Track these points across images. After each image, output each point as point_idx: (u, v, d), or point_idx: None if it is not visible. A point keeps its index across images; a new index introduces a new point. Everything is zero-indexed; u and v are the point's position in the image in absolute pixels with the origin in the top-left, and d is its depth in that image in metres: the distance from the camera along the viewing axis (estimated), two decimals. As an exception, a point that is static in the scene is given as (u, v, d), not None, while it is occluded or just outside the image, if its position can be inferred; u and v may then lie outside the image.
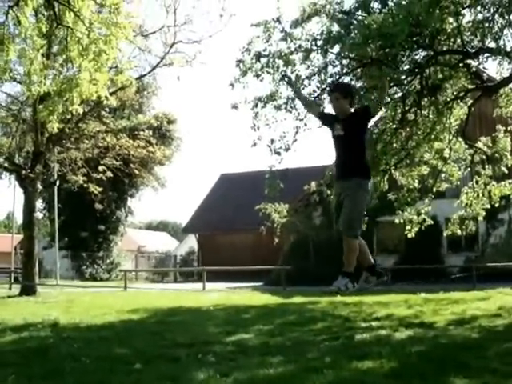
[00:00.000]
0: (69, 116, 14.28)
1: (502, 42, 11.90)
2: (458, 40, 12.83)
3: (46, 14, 13.10)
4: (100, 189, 23.30)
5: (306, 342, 7.49)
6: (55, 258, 28.57)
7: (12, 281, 25.91)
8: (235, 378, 5.17)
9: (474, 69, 13.55)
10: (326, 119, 6.32)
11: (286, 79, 6.94)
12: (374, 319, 9.98)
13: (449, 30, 12.42)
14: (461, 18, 12.31)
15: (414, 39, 12.43)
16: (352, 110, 6.01)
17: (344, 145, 5.86)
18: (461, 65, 13.23)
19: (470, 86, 14.20)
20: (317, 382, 4.91)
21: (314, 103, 6.44)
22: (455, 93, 14.36)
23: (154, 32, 20.52)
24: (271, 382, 4.84)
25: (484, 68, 14.12)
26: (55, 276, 28.77)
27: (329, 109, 6.55)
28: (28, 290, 19.34)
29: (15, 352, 6.72)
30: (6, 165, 21.65)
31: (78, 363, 5.95)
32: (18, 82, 16.88)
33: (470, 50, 12.94)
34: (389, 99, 13.92)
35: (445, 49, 13.12)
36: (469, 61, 13.27)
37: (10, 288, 23.89)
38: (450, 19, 12.12)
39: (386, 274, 5.97)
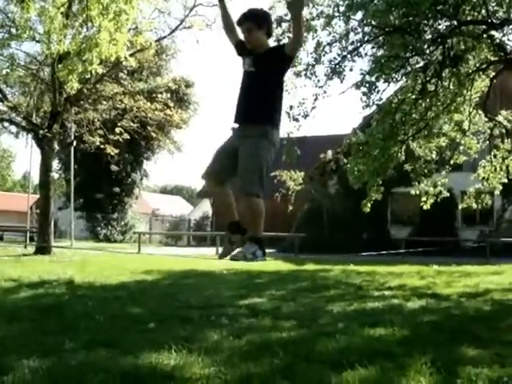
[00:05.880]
0: (87, 76, 14.23)
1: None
2: (483, 10, 12.65)
3: (66, -28, 13.05)
4: (116, 151, 23.32)
5: (318, 308, 7.52)
6: (70, 219, 28.78)
7: (27, 240, 26.15)
8: (248, 339, 5.20)
9: (497, 40, 13.38)
10: (242, 49, 4.90)
11: None
12: (387, 288, 10.00)
13: (474, 0, 12.24)
14: (487, -13, 12.11)
15: (438, 8, 12.29)
16: (270, 45, 4.90)
17: (252, 83, 4.70)
18: (484, 36, 13.08)
19: (492, 58, 14.03)
20: (329, 346, 4.93)
21: (235, 27, 4.92)
22: (477, 64, 14.20)
23: (174, -7, 20.34)
24: (284, 345, 4.86)
25: (508, 40, 13.96)
26: (70, 236, 29.03)
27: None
28: (43, 249, 19.51)
29: (31, 308, 6.79)
30: (23, 124, 21.67)
31: (93, 321, 6.00)
32: (37, 42, 16.81)
33: (494, 20, 12.77)
34: (409, 69, 13.81)
35: (469, 19, 12.95)
36: (493, 32, 13.10)
37: (25, 247, 24.14)
38: (476, -12, 11.93)
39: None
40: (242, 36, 4.87)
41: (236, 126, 4.81)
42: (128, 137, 23.40)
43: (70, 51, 12.41)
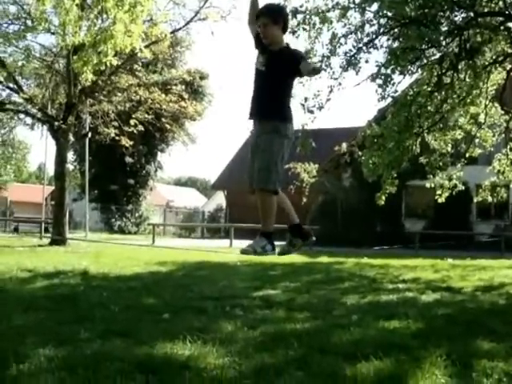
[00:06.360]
0: (102, 68, 14.23)
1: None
2: (500, 2, 12.54)
3: (82, -37, 13.05)
4: (131, 142, 23.39)
5: (332, 300, 7.52)
6: (85, 210, 28.94)
7: (43, 231, 26.31)
8: (262, 331, 5.21)
9: (514, 32, 13.25)
10: (259, 44, 4.89)
11: None
12: (401, 281, 9.97)
13: (491, -9, 12.14)
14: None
15: (455, 0, 12.18)
16: (285, 43, 4.87)
17: (263, 83, 4.78)
18: (501, 28, 12.95)
19: (509, 51, 13.90)
20: (343, 338, 4.93)
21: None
22: (494, 57, 14.08)
23: (189, -15, 20.31)
24: (298, 337, 4.87)
25: (526, 32, 13.78)
26: (84, 228, 29.19)
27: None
28: (58, 240, 19.62)
29: (47, 298, 6.83)
30: (39, 116, 21.77)
31: (107, 311, 6.03)
32: (53, 33, 16.86)
33: (511, 12, 12.65)
34: (425, 61, 13.72)
35: (486, 10, 12.84)
36: (510, 24, 12.98)
37: (40, 238, 24.30)
38: (493, -21, 11.82)
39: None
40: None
41: (251, 123, 4.92)
42: (142, 128, 23.48)
43: (85, 43, 12.46)
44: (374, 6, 12.47)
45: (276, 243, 4.74)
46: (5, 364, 3.86)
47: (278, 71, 4.69)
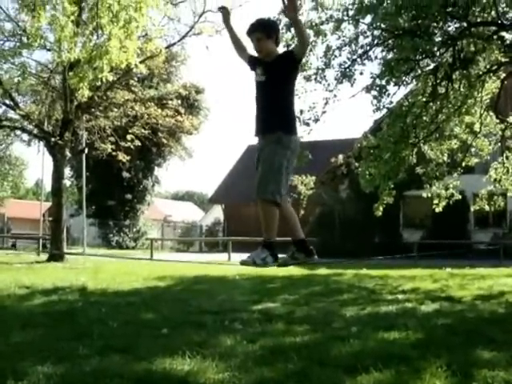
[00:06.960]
0: (98, 84, 14.27)
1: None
2: (493, 12, 12.61)
3: (76, -20, 13.09)
4: (128, 157, 23.40)
5: (331, 312, 7.50)
6: (82, 226, 28.85)
7: (40, 247, 26.22)
8: (261, 344, 5.20)
9: (508, 41, 13.32)
10: (254, 63, 4.99)
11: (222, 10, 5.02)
12: (400, 292, 9.97)
13: (484, 1, 12.22)
14: (497, -13, 12.08)
15: (448, 10, 12.26)
16: (279, 52, 4.96)
17: (265, 92, 4.82)
18: (495, 37, 13.03)
19: (503, 60, 13.97)
20: (343, 350, 4.91)
21: (243, 44, 5.11)
22: (488, 66, 14.15)
23: (184, 0, 20.38)
24: (297, 350, 4.86)
25: (519, 41, 13.86)
26: (82, 243, 29.11)
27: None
28: (56, 256, 19.56)
29: (45, 314, 6.81)
30: (35, 132, 21.78)
31: (106, 327, 6.02)
32: (48, 50, 16.90)
33: (504, 21, 12.73)
34: (420, 71, 13.78)
35: (479, 20, 12.91)
36: (503, 33, 13.05)
37: (38, 254, 24.21)
38: (486, -11, 11.90)
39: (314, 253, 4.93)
40: (251, 50, 5.02)
41: (257, 139, 4.94)
42: (139, 143, 23.49)
43: (81, 59, 12.47)
44: (368, 18, 12.56)
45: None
46: (3, 381, 3.85)
47: (277, 77, 4.76)
